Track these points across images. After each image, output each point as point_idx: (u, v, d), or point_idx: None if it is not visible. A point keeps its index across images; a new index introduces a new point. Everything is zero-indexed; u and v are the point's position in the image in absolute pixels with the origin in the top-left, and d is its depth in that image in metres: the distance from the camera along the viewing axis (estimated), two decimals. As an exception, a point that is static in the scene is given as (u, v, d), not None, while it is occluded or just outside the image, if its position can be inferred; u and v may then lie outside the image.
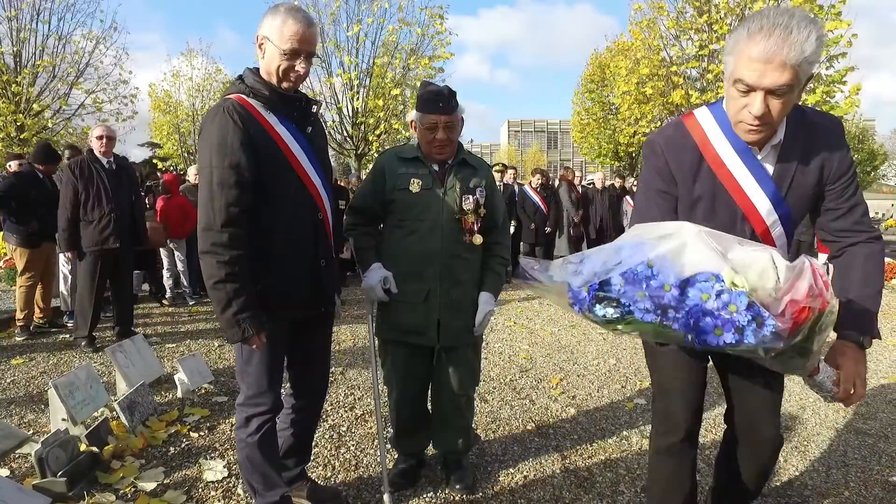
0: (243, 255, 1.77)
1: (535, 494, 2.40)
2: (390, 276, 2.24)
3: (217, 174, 1.76)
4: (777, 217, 1.55)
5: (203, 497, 2.36)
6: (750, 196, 1.53)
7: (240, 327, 1.76)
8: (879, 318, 5.91)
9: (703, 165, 1.55)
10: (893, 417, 3.32)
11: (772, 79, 1.30)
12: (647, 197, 1.66)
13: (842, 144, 1.55)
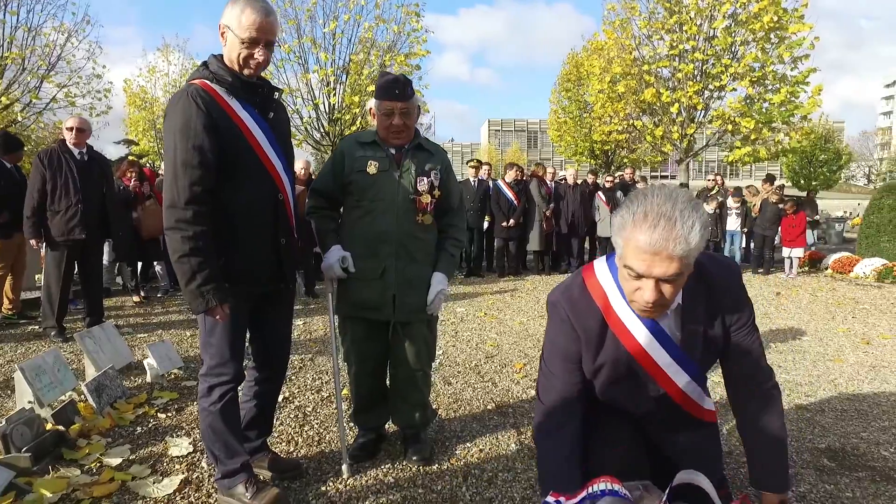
0: (206, 231, 1.87)
1: (489, 465, 2.52)
2: (348, 256, 2.35)
3: (181, 155, 1.85)
4: (689, 379, 1.56)
5: (168, 470, 2.44)
6: (659, 364, 1.53)
7: (204, 298, 1.86)
8: (831, 304, 6.17)
9: (607, 332, 1.53)
10: (832, 395, 3.52)
11: (660, 269, 1.31)
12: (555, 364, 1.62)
13: (740, 296, 1.57)
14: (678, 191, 1.35)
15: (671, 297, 1.38)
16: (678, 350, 1.51)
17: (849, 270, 8.85)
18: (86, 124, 4.77)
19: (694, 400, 1.61)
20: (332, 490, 2.28)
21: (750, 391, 1.61)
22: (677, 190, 1.36)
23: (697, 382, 1.58)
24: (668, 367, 1.52)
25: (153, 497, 2.20)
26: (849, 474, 2.49)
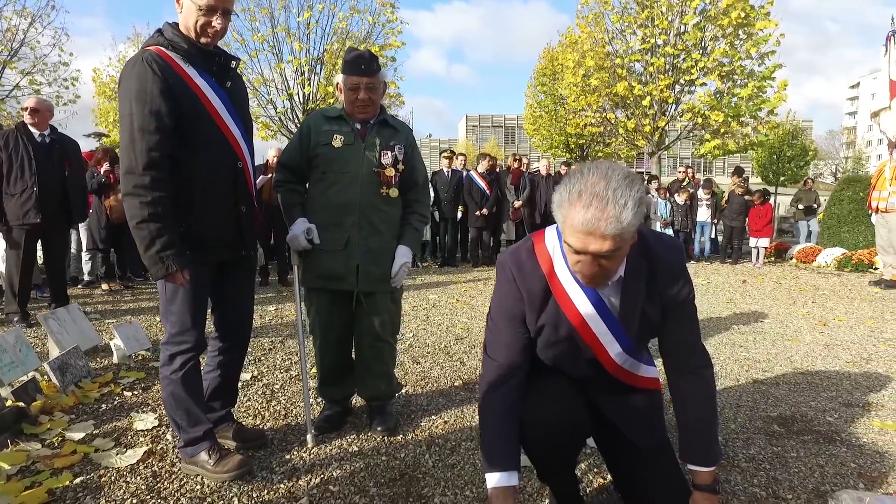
0: (165, 197, 1.87)
1: (453, 436, 2.57)
2: (313, 228, 2.38)
3: (137, 120, 1.85)
4: (620, 350, 1.60)
5: (132, 443, 2.43)
6: (595, 331, 1.57)
7: (163, 264, 1.87)
8: (793, 290, 6.35)
9: (550, 297, 1.57)
10: (787, 370, 3.66)
11: (596, 246, 1.34)
12: (501, 322, 1.64)
13: (682, 274, 1.59)
14: (614, 168, 1.37)
15: (611, 270, 1.43)
16: (615, 321, 1.56)
17: (812, 260, 9.14)
18: (43, 104, 4.67)
19: (627, 370, 1.65)
20: (297, 458, 2.30)
21: (682, 369, 1.64)
22: (613, 167, 1.37)
23: (630, 354, 1.62)
24: (602, 335, 1.57)
25: (116, 467, 2.20)
26: (796, 438, 2.60)
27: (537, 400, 1.63)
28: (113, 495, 2.00)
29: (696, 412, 1.61)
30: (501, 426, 1.56)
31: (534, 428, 1.61)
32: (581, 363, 1.64)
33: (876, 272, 7.83)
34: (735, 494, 2.09)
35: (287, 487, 2.07)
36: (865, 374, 3.57)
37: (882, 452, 2.46)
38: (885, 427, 2.74)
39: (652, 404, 1.75)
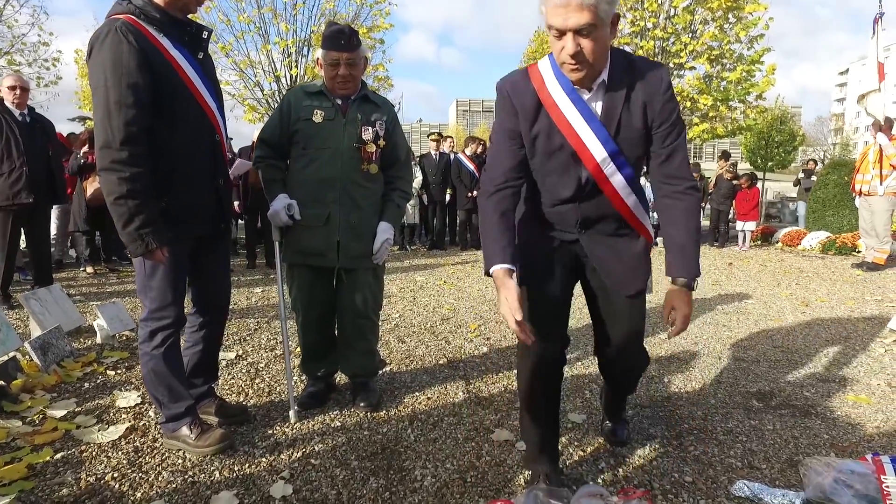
0: (143, 173, 1.84)
1: (435, 411, 2.59)
2: (294, 204, 2.37)
3: (114, 94, 1.80)
4: (607, 155, 1.68)
5: (114, 420, 2.43)
6: (579, 133, 1.66)
7: (143, 241, 1.84)
8: (778, 273, 6.41)
9: (541, 107, 1.70)
10: (768, 348, 3.71)
11: (574, 20, 1.45)
12: (498, 139, 1.80)
13: (666, 90, 1.65)
14: None
15: (591, 54, 1.53)
16: (597, 122, 1.67)
17: (797, 243, 9.23)
18: (27, 83, 4.59)
19: (615, 187, 1.74)
20: (279, 433, 2.31)
21: (668, 191, 1.74)
22: None
23: (617, 165, 1.71)
24: (585, 135, 1.67)
25: (98, 443, 2.20)
26: (773, 412, 2.65)
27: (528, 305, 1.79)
28: (94, 469, 2.00)
29: (681, 231, 1.72)
30: (497, 228, 1.73)
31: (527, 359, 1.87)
32: (573, 175, 1.74)
33: (858, 255, 7.93)
34: (711, 465, 2.13)
35: (269, 461, 2.09)
36: (843, 352, 3.63)
37: (854, 424, 2.52)
38: (858, 401, 2.80)
39: (638, 254, 1.86)
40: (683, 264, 1.70)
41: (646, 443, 2.31)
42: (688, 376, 3.14)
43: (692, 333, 4.04)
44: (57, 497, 1.83)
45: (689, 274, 1.69)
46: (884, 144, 6.70)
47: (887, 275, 6.69)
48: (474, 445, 2.26)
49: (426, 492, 1.91)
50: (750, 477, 2.04)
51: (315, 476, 1.99)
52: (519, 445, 2.25)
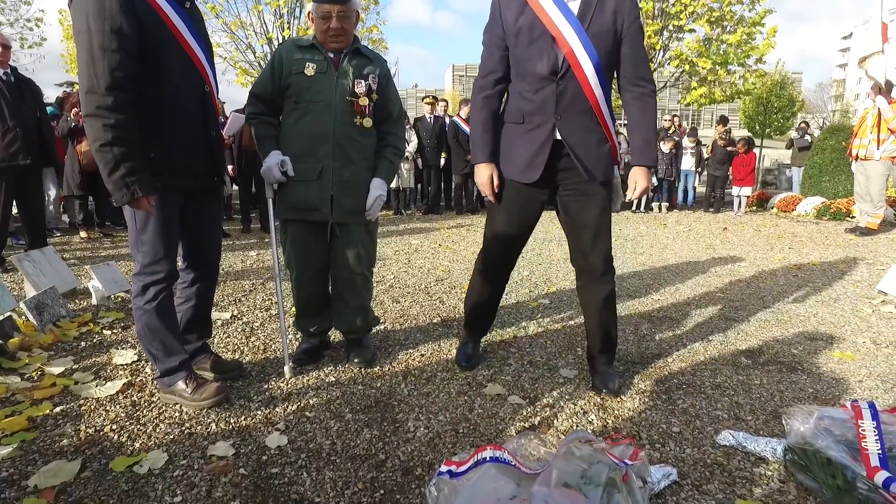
0: (129, 121, 1.82)
1: (428, 368, 2.63)
2: (287, 160, 2.35)
3: (97, 38, 1.76)
4: (581, 44, 2.06)
5: (111, 376, 2.46)
6: (556, 23, 2.08)
7: (128, 189, 1.82)
8: (772, 237, 6.44)
9: (525, 7, 2.13)
10: (759, 309, 3.75)
11: None
12: (488, 47, 2.26)
13: (633, 4, 2.11)
14: None
15: None
16: (573, 16, 2.07)
17: (792, 209, 9.24)
18: (8, 41, 4.48)
19: (584, 71, 2.08)
20: (274, 388, 2.35)
21: (637, 93, 2.17)
22: None
23: (586, 49, 2.06)
24: (562, 24, 2.06)
25: (95, 398, 2.23)
26: (761, 368, 2.70)
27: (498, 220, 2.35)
28: (93, 422, 2.04)
29: (641, 126, 2.20)
30: (483, 127, 2.26)
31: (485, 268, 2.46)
32: (551, 57, 2.10)
33: (852, 220, 7.96)
34: (698, 417, 2.18)
35: (264, 414, 2.12)
36: (832, 312, 3.68)
37: (838, 379, 2.57)
38: (843, 357, 2.85)
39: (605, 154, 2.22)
40: (648, 153, 2.22)
41: (636, 396, 2.36)
42: (679, 335, 3.19)
43: (685, 294, 4.08)
44: (58, 447, 1.86)
45: (650, 161, 2.22)
46: (882, 108, 6.64)
47: (879, 239, 6.73)
48: (467, 399, 2.30)
49: (419, 442, 1.96)
50: (735, 428, 2.09)
51: (310, 427, 2.03)
52: (511, 399, 2.30)
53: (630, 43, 2.12)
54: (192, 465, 1.78)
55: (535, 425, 2.10)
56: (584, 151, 2.17)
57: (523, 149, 2.21)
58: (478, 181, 2.29)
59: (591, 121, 2.17)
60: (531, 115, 2.19)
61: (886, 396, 2.40)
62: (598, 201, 2.24)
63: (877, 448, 1.47)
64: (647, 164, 2.21)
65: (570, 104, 2.14)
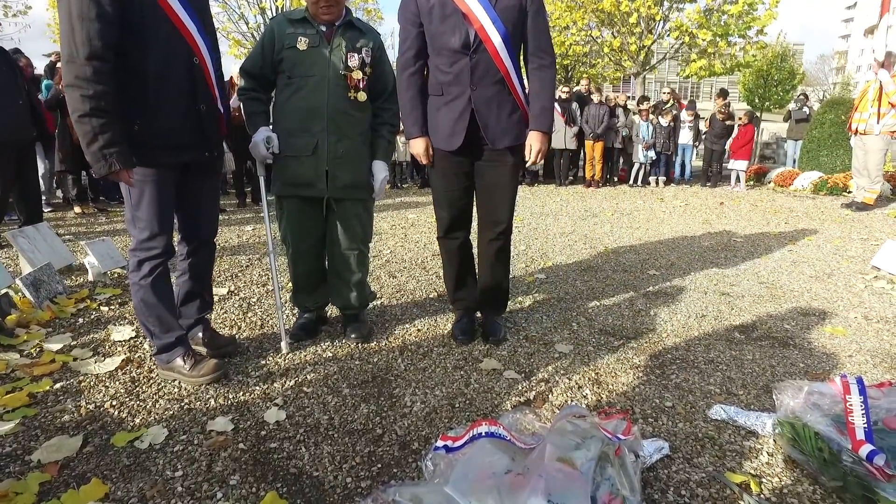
0: (108, 91, 1.80)
1: (425, 342, 2.66)
2: (273, 137, 2.34)
3: (76, 6, 1.75)
4: (489, 20, 2.24)
5: (110, 352, 2.48)
6: (468, 3, 2.24)
7: (106, 161, 1.82)
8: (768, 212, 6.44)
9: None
10: (754, 284, 3.78)
11: None
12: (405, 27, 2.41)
13: None
14: None
15: None
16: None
17: (789, 183, 9.23)
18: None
19: (494, 44, 2.27)
20: (272, 363, 2.37)
21: (538, 64, 2.38)
22: None
23: (494, 25, 2.25)
24: (472, 3, 2.25)
25: (94, 374, 2.25)
26: (754, 343, 2.73)
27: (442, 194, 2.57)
28: (93, 398, 2.06)
29: (537, 94, 2.40)
30: (411, 104, 2.43)
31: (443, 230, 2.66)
32: (463, 32, 2.28)
33: (849, 195, 7.96)
34: (691, 391, 2.21)
35: (262, 389, 2.15)
36: (825, 287, 3.71)
37: (829, 354, 2.61)
38: (835, 332, 2.89)
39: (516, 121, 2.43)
40: (543, 120, 2.40)
41: (629, 371, 2.39)
42: (674, 310, 3.22)
43: (680, 269, 4.10)
44: (59, 423, 1.89)
45: (545, 127, 2.40)
46: (884, 81, 6.58)
47: (875, 215, 6.74)
48: (463, 374, 2.33)
49: (416, 416, 1.99)
50: (727, 402, 2.12)
51: (307, 403, 2.06)
52: (506, 374, 2.33)
53: (533, 18, 2.33)
54: (192, 440, 1.81)
55: (531, 400, 2.14)
56: (494, 120, 2.39)
57: (444, 119, 2.41)
58: (414, 153, 2.52)
59: (504, 90, 2.37)
60: (448, 86, 2.38)
61: (875, 371, 2.44)
62: (507, 167, 2.48)
63: (863, 422, 1.50)
64: (543, 129, 2.40)
65: (483, 75, 2.33)
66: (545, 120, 2.41)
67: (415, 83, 2.42)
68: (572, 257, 4.50)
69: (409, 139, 2.50)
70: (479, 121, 2.38)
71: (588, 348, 2.63)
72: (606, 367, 2.43)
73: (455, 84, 2.36)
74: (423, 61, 2.43)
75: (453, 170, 2.50)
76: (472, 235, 2.72)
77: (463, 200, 2.58)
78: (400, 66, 2.44)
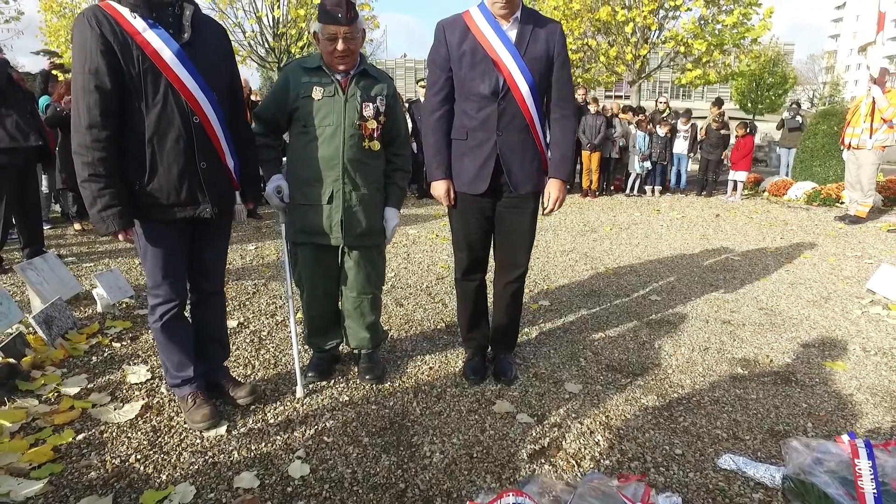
0: (107, 157, 1.90)
1: (438, 382, 2.71)
2: (284, 186, 2.41)
3: (79, 79, 1.87)
4: (518, 69, 2.34)
5: (128, 397, 2.51)
6: (496, 48, 2.36)
7: (105, 223, 1.94)
8: (763, 225, 6.53)
9: (468, 34, 2.40)
10: (754, 310, 3.86)
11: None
12: (433, 70, 2.50)
13: (562, 36, 2.44)
14: None
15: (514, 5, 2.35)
16: (511, 43, 2.37)
17: (783, 193, 9.35)
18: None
19: (521, 91, 2.37)
20: (290, 409, 2.41)
21: (560, 113, 2.48)
22: None
23: (522, 72, 2.35)
24: (501, 50, 2.35)
25: (116, 423, 2.29)
26: (756, 380, 2.80)
27: (462, 237, 2.64)
28: (117, 451, 2.09)
29: (559, 144, 2.49)
30: (436, 148, 2.51)
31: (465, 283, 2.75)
32: (492, 78, 2.37)
33: (842, 206, 8.08)
34: (699, 437, 2.28)
35: (283, 439, 2.19)
36: (823, 314, 3.80)
37: (830, 392, 2.69)
38: (834, 367, 2.97)
39: (537, 168, 2.52)
40: (563, 168, 2.50)
41: (639, 414, 2.45)
42: (677, 341, 3.29)
43: (681, 293, 4.18)
44: (87, 480, 1.92)
45: (565, 175, 2.51)
46: (877, 97, 6.69)
47: (868, 229, 6.86)
48: (477, 418, 2.39)
49: (436, 468, 2.04)
50: (735, 449, 2.19)
51: (330, 455, 2.10)
52: (519, 418, 2.39)
53: (559, 69, 2.43)
54: (220, 498, 1.85)
55: (545, 447, 2.19)
56: (517, 166, 2.46)
57: (470, 163, 2.47)
58: (435, 195, 2.58)
59: (528, 137, 2.45)
60: (475, 131, 2.45)
61: (876, 412, 2.52)
62: (528, 212, 2.57)
63: (872, 487, 1.57)
64: (563, 177, 2.51)
65: (509, 122, 2.41)
66: (565, 168, 2.50)
67: (441, 127, 2.49)
68: (574, 279, 4.56)
69: (431, 181, 2.55)
70: (503, 166, 2.45)
71: (597, 387, 2.69)
72: (616, 410, 2.49)
73: (481, 129, 2.44)
74: (450, 105, 2.49)
75: (474, 213, 2.55)
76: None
77: (482, 243, 2.65)
78: (427, 109, 2.52)
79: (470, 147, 2.47)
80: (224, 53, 2.22)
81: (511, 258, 2.65)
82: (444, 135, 2.51)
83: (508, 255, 2.65)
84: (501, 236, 2.63)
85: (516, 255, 2.64)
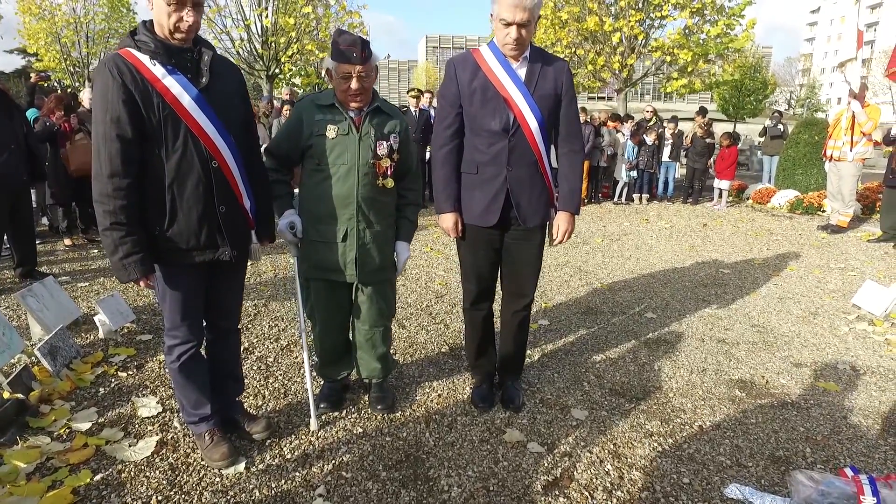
0: (128, 205, 1.92)
1: (448, 410, 2.76)
2: (297, 222, 2.44)
3: (100, 127, 1.89)
4: (528, 106, 2.42)
5: (140, 432, 2.51)
6: (506, 86, 2.42)
7: (126, 270, 1.95)
8: (749, 235, 6.66)
9: (479, 71, 2.47)
10: (746, 328, 3.98)
11: (519, 16, 2.28)
12: (443, 105, 2.56)
13: (569, 74, 2.52)
14: None
15: (525, 39, 2.37)
16: (520, 80, 2.44)
17: (766, 201, 9.57)
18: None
19: (530, 127, 2.44)
20: (306, 443, 2.44)
21: (567, 149, 2.56)
22: None
23: (531, 109, 2.43)
24: (511, 88, 2.43)
25: (132, 461, 2.29)
26: (754, 402, 2.90)
27: (470, 263, 2.69)
28: (137, 492, 2.11)
29: (567, 178, 2.58)
30: (444, 181, 2.58)
31: (468, 301, 2.78)
32: (503, 115, 2.44)
33: (823, 214, 8.30)
34: (705, 465, 2.36)
35: (302, 475, 2.22)
36: (812, 330, 3.93)
37: (825, 416, 2.79)
38: (827, 388, 3.08)
39: (545, 202, 2.60)
40: (571, 201, 2.58)
41: (644, 441, 2.53)
42: (675, 362, 3.38)
43: (676, 310, 4.28)
44: (109, 525, 1.94)
45: (574, 208, 2.59)
46: (857, 111, 6.90)
47: (849, 238, 7.07)
48: (490, 448, 2.44)
49: (455, 503, 2.09)
50: (739, 476, 2.28)
51: (350, 491, 2.14)
52: (530, 447, 2.45)
53: (567, 106, 2.51)
54: (245, 541, 1.88)
55: (558, 477, 2.26)
56: (526, 200, 2.54)
57: (480, 197, 2.54)
58: (443, 227, 2.64)
59: (537, 172, 2.53)
60: (485, 165, 2.52)
61: (869, 435, 2.63)
62: (535, 244, 2.65)
63: (877, 523, 1.66)
64: (571, 210, 2.59)
65: (519, 157, 2.49)
66: (574, 201, 2.58)
67: (451, 160, 2.56)
68: (570, 296, 4.65)
69: (439, 213, 2.62)
70: (512, 199, 2.52)
71: (602, 413, 2.76)
72: (622, 437, 2.56)
73: (492, 164, 2.51)
74: (459, 140, 2.56)
75: (483, 245, 2.62)
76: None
77: (491, 274, 2.71)
78: (437, 143, 2.58)
79: (480, 181, 2.53)
80: (241, 94, 2.25)
81: (518, 288, 2.72)
82: (454, 168, 2.57)
83: (516, 286, 2.72)
84: (509, 267, 2.70)
85: (523, 285, 2.71)
